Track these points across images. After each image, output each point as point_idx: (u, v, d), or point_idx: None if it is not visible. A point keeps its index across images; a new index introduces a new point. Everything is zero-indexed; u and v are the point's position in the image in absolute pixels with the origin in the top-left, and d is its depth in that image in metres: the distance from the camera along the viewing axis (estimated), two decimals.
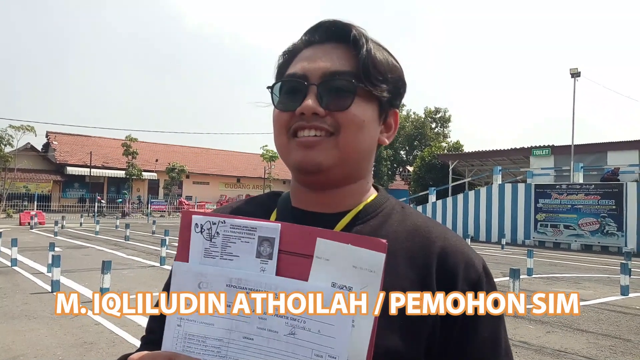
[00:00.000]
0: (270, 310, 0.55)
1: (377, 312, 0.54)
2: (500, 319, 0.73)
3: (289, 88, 0.74)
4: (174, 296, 0.58)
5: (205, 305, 0.57)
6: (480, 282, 0.72)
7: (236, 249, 0.58)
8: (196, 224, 0.60)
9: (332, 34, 0.75)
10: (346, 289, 0.55)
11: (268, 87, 0.77)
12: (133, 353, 0.60)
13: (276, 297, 0.55)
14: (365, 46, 0.73)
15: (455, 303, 0.69)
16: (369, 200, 0.78)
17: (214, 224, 0.60)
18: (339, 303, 0.54)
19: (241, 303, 0.56)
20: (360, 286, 0.55)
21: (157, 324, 0.78)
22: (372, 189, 0.82)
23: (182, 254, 0.60)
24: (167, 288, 0.80)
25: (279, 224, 0.59)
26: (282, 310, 0.55)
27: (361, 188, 0.78)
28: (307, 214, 0.76)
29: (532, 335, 5.56)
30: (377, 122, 0.76)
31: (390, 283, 0.67)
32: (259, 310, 0.55)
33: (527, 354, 4.88)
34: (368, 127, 0.73)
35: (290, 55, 0.79)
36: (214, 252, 0.59)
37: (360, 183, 0.78)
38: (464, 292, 0.70)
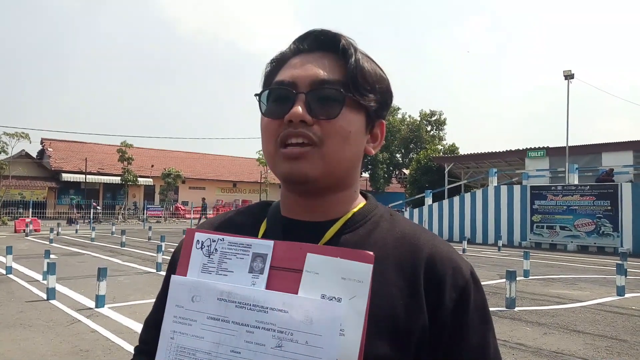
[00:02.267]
0: (258, 324, 0.56)
1: (365, 320, 0.55)
2: (488, 325, 0.74)
3: (277, 96, 0.74)
4: (168, 309, 0.60)
5: (197, 319, 0.58)
6: (468, 288, 0.72)
7: (231, 264, 0.61)
8: (197, 240, 0.63)
9: (321, 43, 0.76)
10: (335, 299, 0.56)
11: (256, 95, 0.77)
12: None
13: (264, 310, 0.56)
14: (354, 56, 0.73)
15: (444, 310, 0.69)
16: (357, 208, 0.78)
17: (214, 241, 0.62)
18: (327, 313, 0.55)
19: (229, 316, 0.57)
20: (349, 296, 0.56)
21: (150, 334, 0.78)
22: (361, 197, 0.82)
23: (182, 269, 0.62)
24: (160, 298, 0.81)
25: (272, 242, 0.61)
26: (269, 323, 0.56)
27: (349, 196, 0.78)
28: (296, 223, 0.76)
29: (529, 337, 5.57)
30: (363, 133, 0.76)
31: (379, 290, 0.67)
32: (245, 323, 0.56)
33: (524, 356, 4.88)
34: (354, 137, 0.74)
35: (278, 64, 0.79)
36: (211, 267, 0.61)
37: (348, 192, 0.78)
38: (451, 298, 0.70)
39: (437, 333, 0.69)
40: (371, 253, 0.57)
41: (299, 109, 0.70)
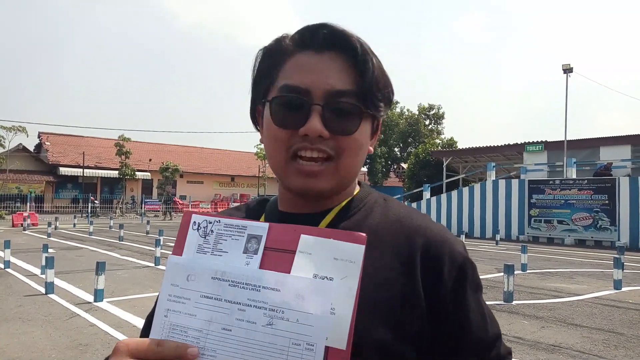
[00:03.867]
0: (250, 302, 0.57)
1: (356, 300, 0.56)
2: (480, 292, 0.76)
3: (290, 104, 0.70)
4: (164, 288, 0.61)
5: (190, 297, 0.59)
6: (464, 269, 0.73)
7: (226, 245, 0.61)
8: (194, 222, 0.64)
9: (332, 42, 0.71)
10: (327, 279, 0.57)
11: (266, 101, 0.74)
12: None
13: (256, 289, 0.57)
14: (371, 65, 0.71)
15: (443, 288, 0.70)
16: (351, 196, 0.79)
17: (210, 222, 0.63)
18: (318, 292, 0.56)
19: (222, 295, 0.58)
20: (341, 276, 0.57)
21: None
22: (356, 185, 0.82)
23: (178, 249, 0.63)
24: None
25: (267, 224, 0.62)
26: (261, 302, 0.57)
27: (349, 190, 0.79)
28: (293, 216, 0.76)
29: (527, 331, 5.59)
30: (370, 138, 0.76)
31: (377, 275, 0.68)
32: (238, 301, 0.57)
33: (522, 349, 4.89)
34: (365, 147, 0.75)
35: (278, 56, 0.74)
36: (206, 248, 0.62)
37: (349, 189, 0.79)
38: (450, 276, 0.71)
39: (437, 310, 0.69)
40: (363, 234, 0.58)
41: (317, 124, 0.68)
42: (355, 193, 0.80)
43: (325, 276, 0.57)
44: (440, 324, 0.70)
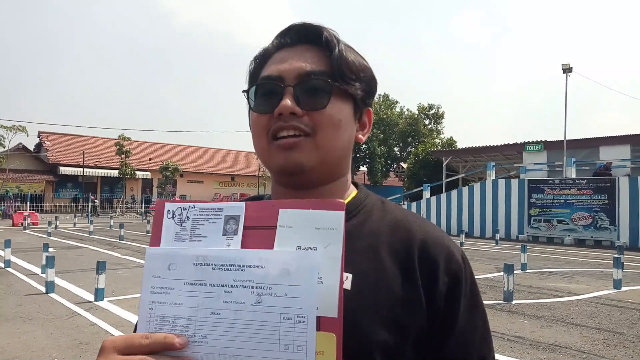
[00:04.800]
0: (235, 283, 0.56)
1: (342, 266, 0.56)
2: (478, 309, 0.76)
3: (265, 90, 0.74)
4: (145, 281, 0.60)
5: (174, 287, 0.58)
6: (460, 272, 0.74)
7: (204, 230, 0.61)
8: (168, 210, 0.63)
9: (303, 36, 0.76)
10: (311, 249, 0.56)
11: (243, 91, 0.78)
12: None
13: (241, 269, 0.57)
14: (337, 47, 0.74)
15: (437, 296, 0.71)
16: (350, 198, 0.79)
17: (185, 209, 0.62)
18: (304, 263, 0.55)
19: (206, 279, 0.57)
20: (324, 245, 0.56)
21: None
22: (352, 186, 0.83)
23: (155, 241, 0.62)
24: None
25: (244, 203, 0.61)
26: (247, 281, 0.56)
27: (342, 186, 0.80)
28: None
29: (527, 330, 5.59)
30: (353, 121, 0.77)
31: (378, 277, 0.69)
32: (223, 283, 0.57)
33: (522, 349, 4.90)
34: (345, 126, 0.75)
35: (262, 60, 0.79)
36: (184, 235, 0.61)
37: (341, 181, 0.79)
38: (444, 283, 0.72)
39: (430, 317, 0.70)
40: (341, 200, 0.58)
41: (287, 101, 0.70)
42: (353, 195, 0.81)
43: (309, 247, 0.57)
44: (431, 332, 0.71)
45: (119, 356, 0.55)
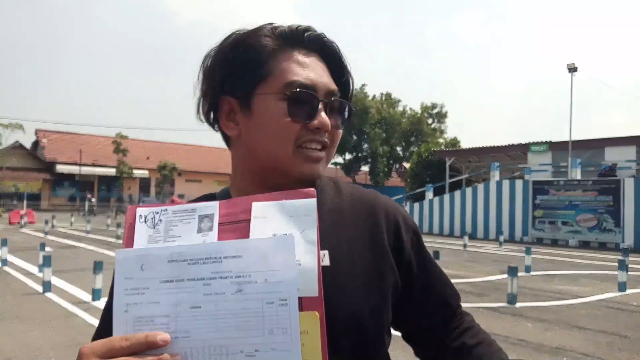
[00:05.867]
0: (214, 275, 0.56)
1: (318, 248, 0.58)
2: (431, 257, 0.90)
3: (302, 98, 0.75)
4: (117, 284, 0.58)
5: (149, 286, 0.57)
6: (416, 228, 0.88)
7: (178, 230, 0.61)
8: (140, 215, 0.63)
9: (318, 44, 0.79)
10: (287, 235, 0.58)
11: (286, 94, 0.74)
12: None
13: (218, 261, 0.57)
14: (350, 72, 0.82)
15: (406, 251, 0.82)
16: None
17: (157, 212, 0.63)
18: (281, 248, 0.56)
19: (183, 275, 0.57)
20: (300, 230, 0.59)
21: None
22: None
23: (128, 245, 0.61)
24: (107, 309, 0.76)
25: (217, 202, 0.62)
26: (225, 272, 0.56)
27: None
28: None
29: (530, 333, 5.53)
30: None
31: (352, 249, 0.76)
32: (201, 277, 0.56)
33: (526, 352, 4.85)
34: None
35: (262, 50, 0.76)
36: (157, 237, 0.61)
37: None
38: (408, 240, 0.84)
39: (405, 270, 0.81)
40: (312, 189, 0.61)
41: (327, 118, 0.75)
42: None
43: (285, 233, 0.58)
44: (409, 285, 0.82)
45: None
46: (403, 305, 0.81)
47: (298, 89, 0.75)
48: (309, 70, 0.76)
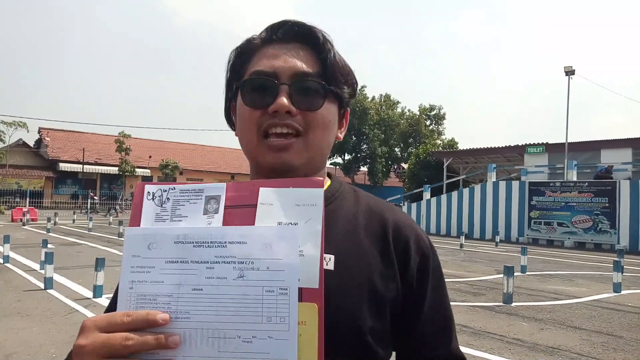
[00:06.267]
0: (217, 259, 0.57)
1: (322, 239, 0.58)
2: (443, 285, 0.84)
3: (258, 86, 0.75)
4: (125, 261, 0.60)
5: (155, 265, 0.59)
6: (428, 252, 0.82)
7: (185, 210, 0.61)
8: (148, 192, 0.63)
9: (296, 33, 0.78)
10: (292, 224, 0.58)
11: (236, 85, 0.79)
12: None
13: (222, 245, 0.58)
14: (331, 51, 0.78)
15: (410, 273, 0.78)
16: (326, 186, 0.84)
17: (165, 191, 0.63)
18: (285, 238, 0.57)
19: (187, 257, 0.58)
20: (305, 219, 0.58)
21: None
22: (327, 176, 0.88)
23: (135, 222, 0.62)
24: (112, 304, 0.83)
25: (224, 184, 0.63)
26: (228, 257, 0.57)
27: (320, 177, 0.84)
28: None
29: (526, 332, 5.59)
30: (337, 121, 0.83)
31: (358, 258, 0.75)
32: (205, 260, 0.57)
33: (521, 351, 4.89)
34: (332, 126, 0.80)
35: (245, 52, 0.80)
36: (164, 216, 0.62)
37: (320, 173, 0.83)
38: (415, 262, 0.79)
39: (404, 291, 0.77)
40: (320, 178, 0.61)
41: (284, 100, 0.72)
42: (328, 184, 0.85)
43: (290, 222, 0.58)
44: (403, 309, 0.78)
45: (101, 334, 0.55)
46: (393, 325, 0.77)
47: (249, 77, 0.76)
48: (275, 58, 0.75)
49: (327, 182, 0.86)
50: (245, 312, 0.56)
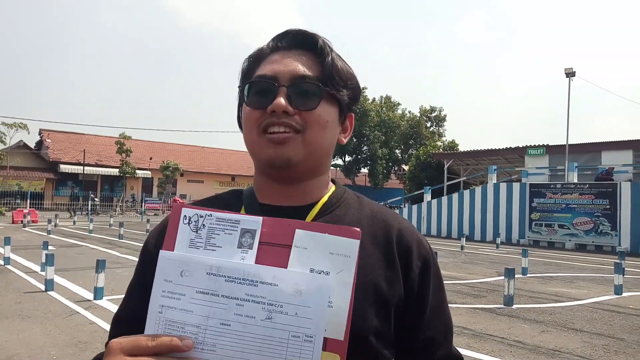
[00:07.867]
0: (247, 297, 0.58)
1: (352, 292, 0.59)
2: (443, 289, 0.88)
3: (260, 88, 0.80)
4: (157, 284, 0.60)
5: (186, 293, 0.59)
6: (429, 257, 0.86)
7: (219, 240, 0.62)
8: (185, 215, 0.64)
9: (299, 41, 0.83)
10: (324, 273, 0.59)
11: (239, 87, 0.84)
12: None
13: (253, 284, 0.58)
14: (330, 55, 0.82)
15: (412, 277, 0.81)
16: (330, 192, 0.87)
17: (201, 216, 0.63)
18: (316, 286, 0.58)
19: (218, 290, 0.59)
20: (337, 270, 0.59)
21: (121, 331, 0.74)
22: (330, 182, 0.91)
23: (169, 244, 0.63)
24: (133, 288, 0.89)
25: (261, 218, 0.63)
26: (259, 296, 0.58)
27: (323, 182, 0.87)
28: (276, 208, 0.83)
29: (527, 335, 5.58)
30: (337, 123, 0.85)
31: (364, 263, 0.77)
32: (235, 296, 0.58)
33: (522, 354, 4.89)
34: (330, 127, 0.82)
35: (256, 60, 0.85)
36: (199, 242, 0.62)
37: (323, 177, 0.86)
38: (417, 266, 0.82)
39: (406, 297, 0.80)
40: (358, 229, 0.61)
41: (281, 100, 0.76)
42: (332, 190, 0.88)
43: (322, 270, 0.59)
44: (404, 312, 0.80)
45: (126, 357, 0.56)
46: (395, 327, 0.80)
47: (252, 80, 0.82)
48: (276, 63, 0.80)
49: (332, 188, 0.89)
50: (269, 353, 0.56)
